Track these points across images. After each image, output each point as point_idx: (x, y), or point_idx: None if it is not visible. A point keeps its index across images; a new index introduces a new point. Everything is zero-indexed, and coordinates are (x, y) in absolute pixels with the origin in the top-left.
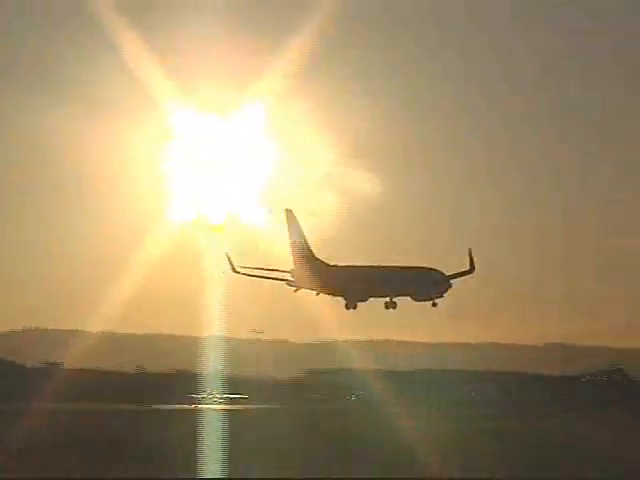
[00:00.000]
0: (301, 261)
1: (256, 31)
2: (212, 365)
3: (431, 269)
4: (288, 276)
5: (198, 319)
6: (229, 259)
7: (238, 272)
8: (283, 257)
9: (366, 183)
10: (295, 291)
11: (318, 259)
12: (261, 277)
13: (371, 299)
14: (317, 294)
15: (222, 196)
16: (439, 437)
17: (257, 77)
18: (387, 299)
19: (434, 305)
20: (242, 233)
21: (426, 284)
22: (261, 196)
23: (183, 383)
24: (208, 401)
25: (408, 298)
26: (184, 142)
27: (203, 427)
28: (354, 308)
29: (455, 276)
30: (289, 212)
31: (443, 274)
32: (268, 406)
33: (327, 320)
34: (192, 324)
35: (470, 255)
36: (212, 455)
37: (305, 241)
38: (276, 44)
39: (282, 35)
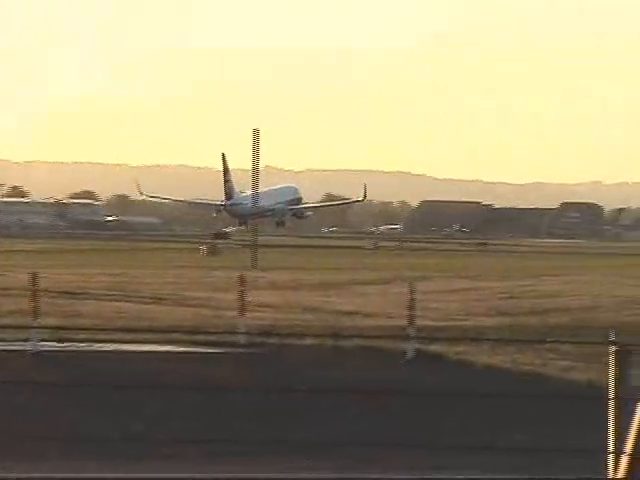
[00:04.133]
0: (226, 195)
1: None
2: None
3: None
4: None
5: None
6: (137, 186)
7: (142, 194)
8: None
9: None
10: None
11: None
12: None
13: None
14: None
15: None
16: None
17: None
18: (277, 218)
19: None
20: None
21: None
22: None
23: None
24: None
25: None
26: None
27: None
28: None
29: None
30: (224, 156)
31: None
32: None
33: None
34: None
35: (365, 189)
36: None
37: (230, 180)
38: None
39: None
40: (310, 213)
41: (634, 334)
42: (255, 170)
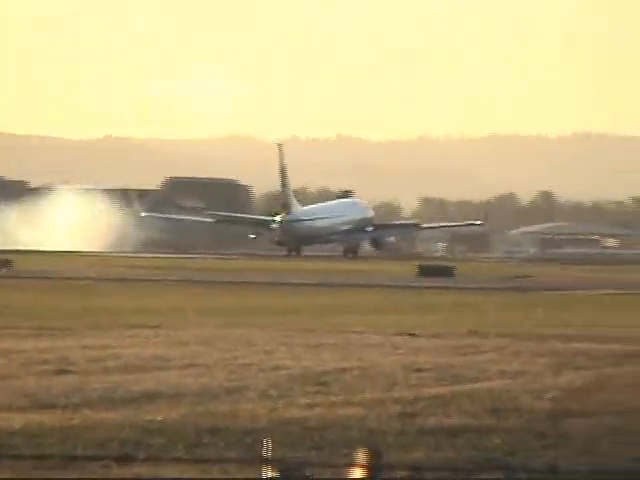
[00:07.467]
0: (284, 207)
1: None
2: None
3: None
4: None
5: None
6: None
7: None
8: None
9: None
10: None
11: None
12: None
13: None
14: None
15: None
16: None
17: None
18: (346, 244)
19: None
20: None
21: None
22: None
23: None
24: None
25: None
26: None
27: None
28: (297, 251)
29: (466, 225)
30: (280, 148)
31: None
32: None
33: None
34: None
35: (486, 211)
36: None
37: (288, 184)
38: None
39: None
40: (393, 239)
41: (301, 445)
42: None
